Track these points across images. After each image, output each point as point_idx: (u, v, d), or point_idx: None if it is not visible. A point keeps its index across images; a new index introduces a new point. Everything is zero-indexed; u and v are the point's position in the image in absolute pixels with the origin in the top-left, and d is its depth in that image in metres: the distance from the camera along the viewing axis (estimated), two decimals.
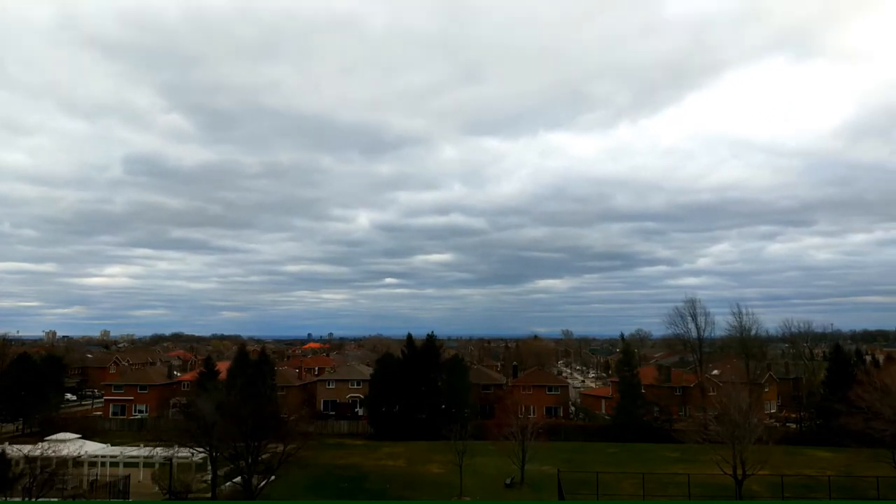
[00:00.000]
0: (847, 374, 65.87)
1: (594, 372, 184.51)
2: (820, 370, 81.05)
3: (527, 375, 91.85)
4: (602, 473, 45.58)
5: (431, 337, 77.53)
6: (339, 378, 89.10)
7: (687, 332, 79.34)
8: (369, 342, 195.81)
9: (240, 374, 71.08)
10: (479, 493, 44.72)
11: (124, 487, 43.01)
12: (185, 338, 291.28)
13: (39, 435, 59.94)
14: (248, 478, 39.34)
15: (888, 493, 42.89)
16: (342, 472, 52.26)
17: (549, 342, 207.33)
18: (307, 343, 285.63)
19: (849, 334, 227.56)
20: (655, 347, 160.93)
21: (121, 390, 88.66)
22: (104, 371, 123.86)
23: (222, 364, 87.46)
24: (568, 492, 42.68)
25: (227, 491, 42.45)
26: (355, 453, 61.05)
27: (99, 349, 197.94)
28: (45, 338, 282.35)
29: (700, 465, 46.90)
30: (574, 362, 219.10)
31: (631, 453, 60.91)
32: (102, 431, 69.28)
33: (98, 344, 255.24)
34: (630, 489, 45.20)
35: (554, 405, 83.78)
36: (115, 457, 48.56)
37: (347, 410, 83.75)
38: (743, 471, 40.82)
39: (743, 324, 79.02)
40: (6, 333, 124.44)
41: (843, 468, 51.07)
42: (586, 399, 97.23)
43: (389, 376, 72.43)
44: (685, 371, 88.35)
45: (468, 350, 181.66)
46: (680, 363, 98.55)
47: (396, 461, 57.29)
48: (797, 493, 43.79)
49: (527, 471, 48.55)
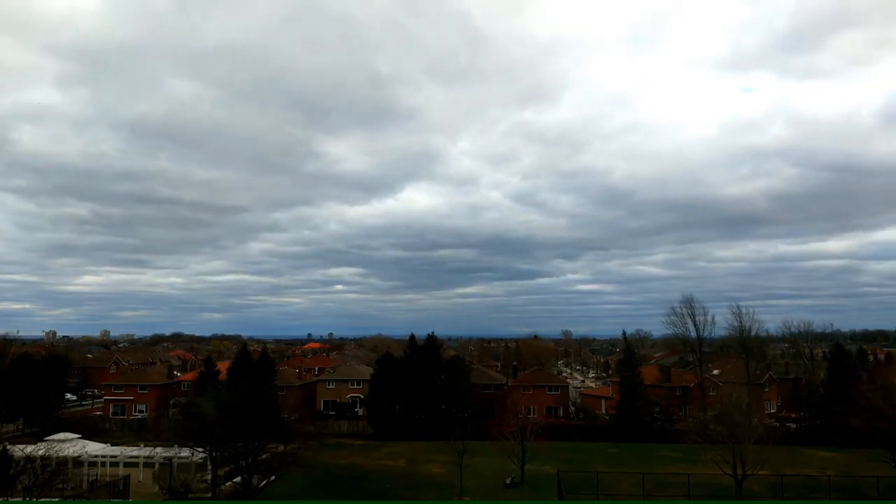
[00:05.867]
0: (847, 374, 66.00)
1: (594, 372, 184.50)
2: (820, 370, 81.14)
3: (527, 375, 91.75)
4: (602, 473, 45.66)
5: (432, 337, 77.64)
6: (340, 378, 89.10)
7: (687, 332, 79.42)
8: (369, 342, 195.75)
9: (240, 373, 71.05)
10: (479, 493, 44.72)
11: (124, 487, 42.97)
12: (185, 338, 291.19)
13: (40, 435, 59.93)
14: (248, 478, 39.40)
15: (888, 493, 42.90)
16: (342, 472, 52.28)
17: (549, 342, 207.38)
18: (307, 343, 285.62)
19: (849, 334, 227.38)
20: (655, 347, 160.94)
21: (121, 390, 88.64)
22: (104, 371, 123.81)
23: (222, 364, 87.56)
24: (568, 492, 42.68)
25: (227, 491, 42.42)
26: (355, 453, 61.05)
27: (99, 349, 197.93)
28: (46, 338, 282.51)
29: (700, 465, 46.93)
30: (574, 362, 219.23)
31: (631, 453, 60.90)
32: (102, 431, 69.46)
33: (98, 344, 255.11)
34: (630, 489, 45.18)
35: (554, 405, 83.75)
36: (115, 457, 48.56)
37: (347, 410, 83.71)
38: (743, 471, 40.84)
39: (743, 324, 79.12)
40: (7, 333, 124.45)
41: (843, 468, 51.12)
42: (586, 399, 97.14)
43: (389, 376, 72.47)
44: (685, 371, 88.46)
45: (468, 350, 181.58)
46: (680, 363, 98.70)
47: (396, 461, 57.29)
48: (797, 493, 43.78)
49: (527, 471, 48.57)
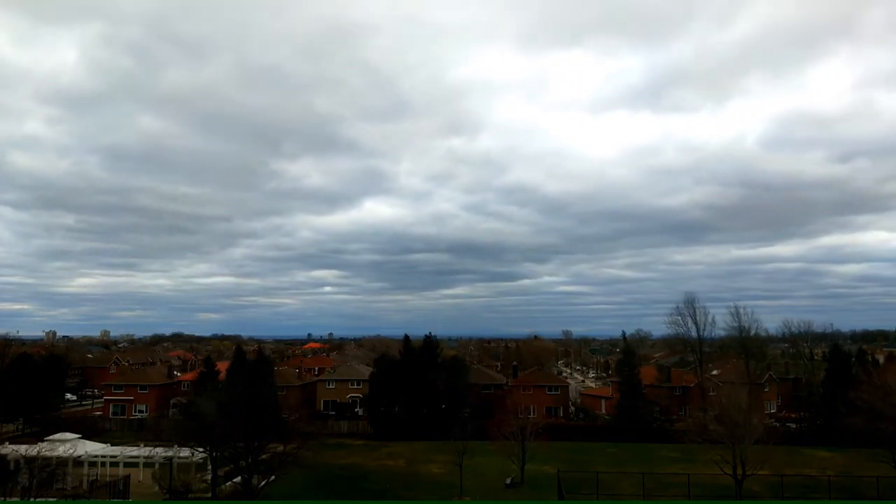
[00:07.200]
0: (847, 374, 66.06)
1: (594, 372, 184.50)
2: (820, 370, 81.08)
3: (527, 375, 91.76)
4: (602, 473, 45.66)
5: (429, 337, 77.59)
6: (339, 378, 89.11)
7: (687, 332, 79.52)
8: (369, 342, 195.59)
9: (240, 373, 70.98)
10: (479, 493, 44.73)
11: (124, 487, 42.96)
12: (185, 338, 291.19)
13: (40, 435, 59.97)
14: (248, 478, 39.39)
15: (888, 493, 42.88)
16: (342, 472, 52.30)
17: (549, 342, 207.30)
18: (307, 343, 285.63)
19: (849, 334, 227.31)
20: (655, 347, 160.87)
21: (121, 390, 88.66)
22: (104, 371, 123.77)
23: (222, 364, 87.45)
24: (568, 492, 42.66)
25: (227, 491, 42.41)
26: (355, 453, 61.05)
27: (99, 349, 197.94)
28: (46, 338, 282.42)
29: (700, 465, 46.93)
30: (574, 362, 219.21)
31: (631, 453, 60.89)
32: (102, 431, 69.54)
33: (98, 344, 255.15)
34: (630, 489, 45.17)
35: (554, 405, 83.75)
36: (115, 457, 48.55)
37: (347, 410, 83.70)
38: (743, 471, 40.85)
39: (743, 324, 79.20)
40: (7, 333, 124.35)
41: (843, 468, 51.12)
42: (586, 399, 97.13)
43: (389, 376, 72.46)
44: (685, 371, 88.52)
45: (468, 350, 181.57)
46: (680, 363, 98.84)
47: (396, 461, 57.28)
48: (797, 493, 43.79)
49: (527, 471, 48.56)
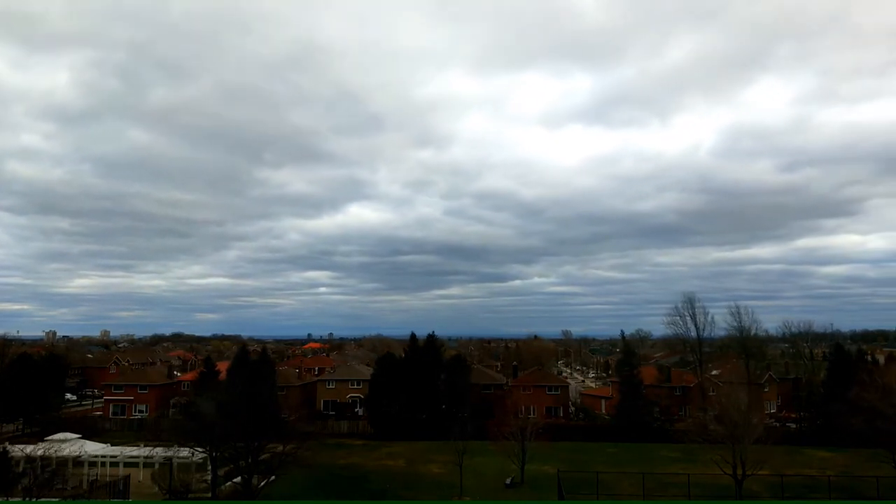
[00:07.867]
0: (847, 374, 65.96)
1: (594, 372, 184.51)
2: (820, 370, 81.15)
3: (527, 375, 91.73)
4: (602, 473, 45.70)
5: (433, 337, 77.54)
6: (340, 378, 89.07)
7: (687, 332, 79.55)
8: (369, 342, 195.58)
9: (240, 373, 70.99)
10: (479, 493, 44.75)
11: (124, 487, 43.00)
12: (185, 338, 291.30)
13: (40, 435, 60.02)
14: (248, 478, 39.39)
15: (888, 493, 42.90)
16: (342, 472, 52.31)
17: (548, 342, 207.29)
18: (307, 343, 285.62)
19: (848, 334, 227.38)
20: (655, 347, 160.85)
21: (121, 390, 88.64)
22: (104, 371, 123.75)
23: (222, 364, 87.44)
24: (568, 492, 42.67)
25: (227, 491, 42.42)
26: (355, 453, 61.05)
27: (99, 349, 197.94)
28: (46, 338, 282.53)
29: (700, 465, 46.95)
30: (574, 362, 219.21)
31: (631, 453, 60.90)
32: (102, 431, 69.56)
33: (98, 344, 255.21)
34: (630, 489, 45.19)
35: (554, 405, 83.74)
36: (115, 457, 48.55)
37: (347, 410, 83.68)
38: (743, 471, 40.85)
39: (743, 324, 79.23)
40: (6, 333, 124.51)
41: (843, 468, 51.18)
42: (586, 399, 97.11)
43: (389, 376, 72.40)
44: (685, 371, 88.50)
45: (468, 350, 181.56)
46: (680, 363, 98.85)
47: (396, 461, 57.28)
48: (797, 493, 43.80)
49: (527, 471, 48.57)
